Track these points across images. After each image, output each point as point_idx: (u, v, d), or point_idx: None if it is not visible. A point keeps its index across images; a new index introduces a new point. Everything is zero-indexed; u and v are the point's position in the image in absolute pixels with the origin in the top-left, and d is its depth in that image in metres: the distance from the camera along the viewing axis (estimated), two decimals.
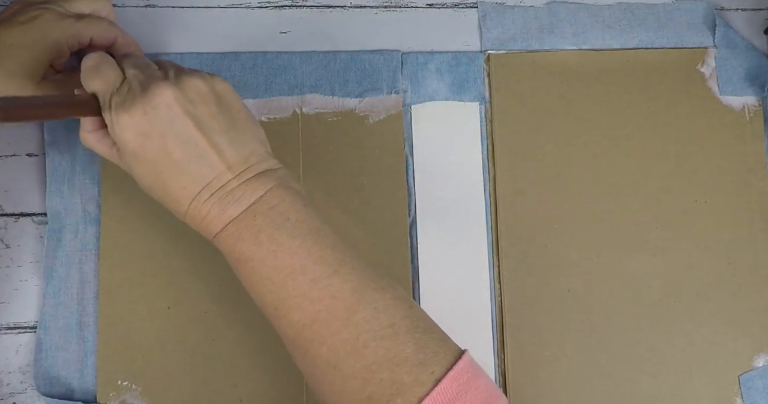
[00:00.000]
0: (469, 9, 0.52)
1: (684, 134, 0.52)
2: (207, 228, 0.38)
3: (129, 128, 0.36)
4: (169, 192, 0.37)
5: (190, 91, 0.37)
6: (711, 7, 0.54)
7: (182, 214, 0.38)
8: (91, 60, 0.38)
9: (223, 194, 0.37)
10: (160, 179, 0.37)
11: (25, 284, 0.46)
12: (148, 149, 0.36)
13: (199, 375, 0.46)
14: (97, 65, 0.38)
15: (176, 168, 0.36)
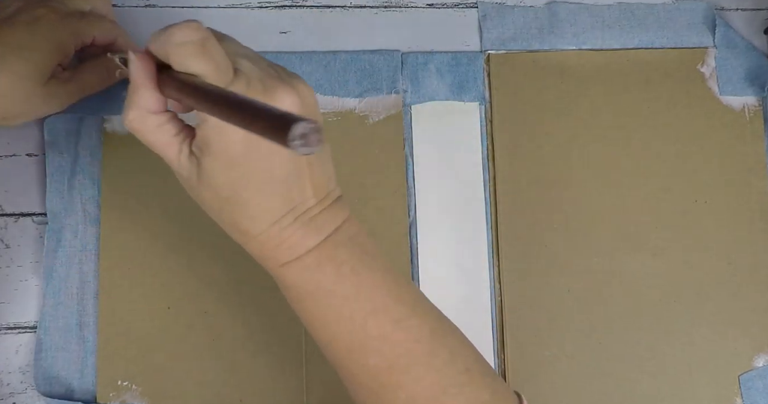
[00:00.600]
0: (469, 9, 0.52)
1: (684, 134, 0.52)
2: (277, 256, 0.34)
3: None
4: (247, 211, 0.33)
5: (307, 99, 0.33)
6: (711, 7, 0.54)
7: (252, 236, 0.33)
8: (191, 32, 0.30)
9: (306, 221, 0.33)
10: (244, 194, 0.32)
11: (25, 284, 0.46)
12: (252, 157, 0.31)
13: (199, 375, 0.46)
14: (203, 42, 0.30)
15: (270, 185, 0.32)
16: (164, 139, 0.33)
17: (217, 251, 0.47)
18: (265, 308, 0.47)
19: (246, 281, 0.47)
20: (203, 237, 0.47)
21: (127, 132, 0.47)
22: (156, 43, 0.31)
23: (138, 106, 0.32)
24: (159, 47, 0.31)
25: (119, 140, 0.47)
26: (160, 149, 0.33)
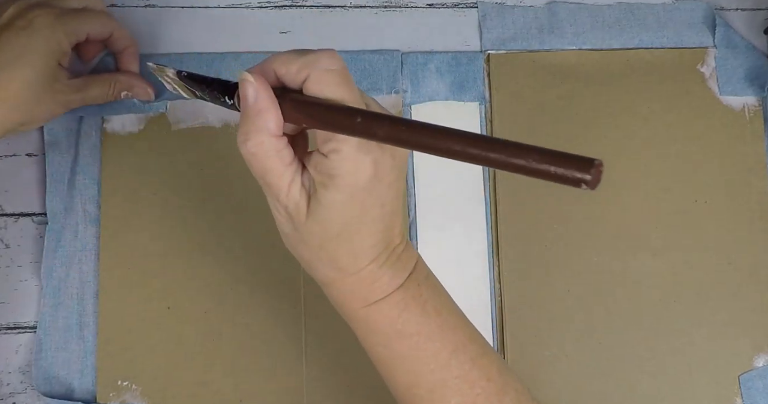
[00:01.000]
0: (469, 9, 0.52)
1: (684, 134, 0.52)
2: (369, 295, 0.33)
3: (371, 153, 0.30)
4: (352, 247, 0.31)
5: None
6: (711, 7, 0.53)
7: (349, 274, 0.32)
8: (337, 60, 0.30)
9: (395, 258, 0.33)
10: (354, 228, 0.31)
11: (25, 284, 0.46)
12: (374, 191, 0.30)
13: (199, 375, 0.46)
14: (345, 69, 0.30)
15: (379, 221, 0.31)
16: (280, 166, 0.30)
17: (217, 252, 0.47)
18: (265, 308, 0.47)
19: (246, 281, 0.47)
20: (203, 237, 0.47)
21: (127, 132, 0.47)
22: (293, 66, 0.30)
23: (261, 130, 0.30)
24: (299, 71, 0.30)
25: (119, 140, 0.47)
26: (272, 177, 0.31)
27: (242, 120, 0.31)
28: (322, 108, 0.29)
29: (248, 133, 0.30)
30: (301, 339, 0.46)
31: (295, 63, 0.30)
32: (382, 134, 0.28)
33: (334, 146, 0.29)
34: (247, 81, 0.30)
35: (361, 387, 0.46)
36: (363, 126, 0.28)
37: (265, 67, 0.31)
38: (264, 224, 0.47)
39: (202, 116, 0.48)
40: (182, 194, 0.47)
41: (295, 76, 0.30)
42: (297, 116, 0.30)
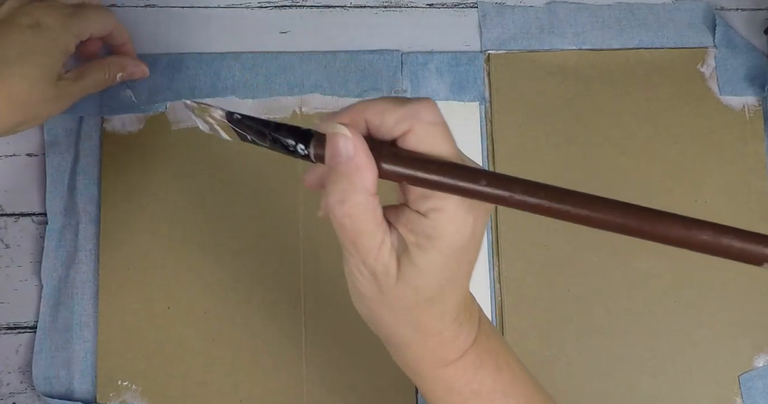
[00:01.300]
0: (469, 9, 0.52)
1: (684, 134, 0.52)
2: (449, 354, 0.31)
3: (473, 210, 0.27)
4: (442, 308, 0.30)
5: None
6: (711, 7, 0.53)
7: (432, 334, 0.30)
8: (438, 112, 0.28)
9: (468, 313, 0.31)
10: (447, 289, 0.29)
11: (25, 284, 0.46)
12: (471, 245, 0.28)
13: (199, 375, 0.46)
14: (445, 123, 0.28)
15: (468, 277, 0.30)
16: (373, 228, 0.28)
17: (217, 252, 0.47)
18: (265, 308, 0.47)
19: (246, 281, 0.47)
20: (203, 237, 0.47)
21: (127, 132, 0.47)
22: (390, 117, 0.27)
23: (359, 189, 0.27)
24: (398, 123, 0.27)
25: (119, 140, 0.47)
26: (364, 239, 0.28)
27: (334, 178, 0.27)
28: (433, 166, 0.27)
29: (345, 192, 0.27)
30: (301, 339, 0.46)
31: (394, 114, 0.27)
32: (514, 201, 0.26)
33: (435, 205, 0.27)
34: (343, 135, 0.27)
35: (361, 387, 0.46)
36: (489, 190, 0.26)
37: (354, 116, 0.27)
38: (264, 224, 0.47)
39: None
40: (182, 194, 0.47)
41: (392, 128, 0.27)
42: (396, 172, 0.27)
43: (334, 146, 0.27)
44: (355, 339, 0.47)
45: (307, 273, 0.47)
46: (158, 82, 0.48)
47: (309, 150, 0.29)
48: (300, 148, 0.29)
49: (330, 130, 0.27)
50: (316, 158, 0.28)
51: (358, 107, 0.28)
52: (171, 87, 0.48)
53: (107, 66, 0.44)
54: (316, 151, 0.28)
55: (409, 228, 0.28)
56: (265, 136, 0.30)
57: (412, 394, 0.47)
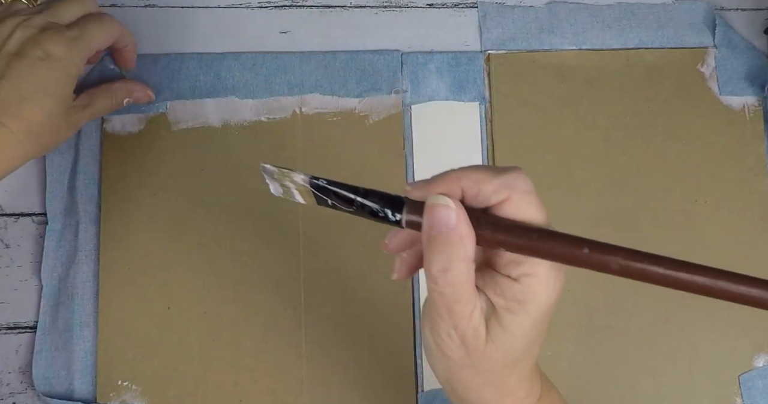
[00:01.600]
0: (469, 9, 0.52)
1: (684, 134, 0.52)
2: None
3: (560, 274, 0.29)
4: (526, 365, 0.31)
5: None
6: (711, 7, 0.53)
7: (510, 394, 0.31)
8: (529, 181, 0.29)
9: (537, 370, 0.33)
10: (531, 350, 0.30)
11: (25, 284, 0.46)
12: (553, 306, 0.30)
13: (199, 375, 0.46)
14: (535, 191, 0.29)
15: (544, 336, 0.31)
16: (469, 294, 0.28)
17: (217, 252, 0.47)
18: (265, 308, 0.47)
19: (246, 281, 0.47)
20: (203, 237, 0.47)
21: (127, 132, 0.47)
22: (488, 186, 0.28)
23: (462, 258, 0.27)
24: (496, 192, 0.28)
25: (119, 140, 0.47)
26: (461, 304, 0.28)
27: (437, 247, 0.27)
28: (535, 234, 0.27)
29: (449, 262, 0.27)
30: (301, 339, 0.46)
31: (492, 183, 0.28)
32: (617, 268, 0.27)
33: (527, 270, 0.28)
34: (446, 206, 0.27)
35: (361, 386, 0.46)
36: (592, 257, 0.27)
37: (450, 185, 0.28)
38: (264, 224, 0.47)
39: (202, 116, 0.48)
40: (182, 194, 0.47)
41: (489, 197, 0.28)
42: (497, 239, 0.28)
43: (437, 217, 0.27)
44: (355, 339, 0.47)
45: (307, 273, 0.47)
46: (158, 82, 0.48)
47: (401, 217, 0.29)
48: (391, 214, 0.29)
49: (432, 201, 0.28)
50: (408, 224, 0.29)
51: (453, 175, 0.28)
52: (171, 87, 0.48)
53: (115, 92, 0.45)
54: (409, 218, 0.29)
55: (498, 293, 0.28)
56: (352, 202, 0.30)
57: (412, 394, 0.47)
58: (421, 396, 0.47)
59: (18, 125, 0.38)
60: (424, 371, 0.47)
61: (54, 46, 0.40)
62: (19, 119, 0.38)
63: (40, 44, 0.39)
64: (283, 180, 0.31)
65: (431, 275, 0.28)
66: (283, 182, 0.31)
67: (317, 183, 0.30)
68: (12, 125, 0.38)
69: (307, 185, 0.30)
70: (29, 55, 0.39)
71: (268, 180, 0.31)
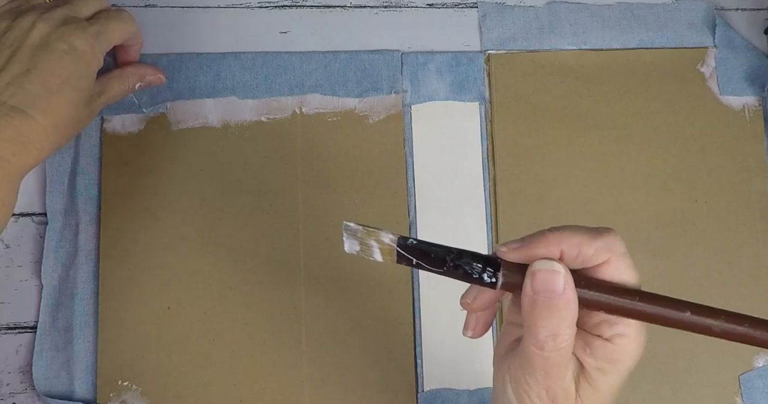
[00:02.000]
0: (469, 9, 0.52)
1: (684, 134, 0.52)
2: None
3: (645, 330, 0.29)
4: None
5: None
6: (711, 7, 0.53)
7: None
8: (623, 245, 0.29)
9: None
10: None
11: (25, 285, 0.46)
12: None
13: (199, 375, 0.46)
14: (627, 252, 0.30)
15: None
16: (569, 357, 0.29)
17: (217, 252, 0.47)
18: (265, 308, 0.47)
19: (246, 281, 0.47)
20: (203, 237, 0.47)
21: (127, 132, 0.47)
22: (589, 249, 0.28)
23: (571, 324, 0.28)
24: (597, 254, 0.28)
25: (119, 140, 0.47)
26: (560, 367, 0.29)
27: (545, 313, 0.28)
28: (637, 296, 0.28)
29: (558, 327, 0.27)
30: (301, 339, 0.46)
31: (591, 246, 0.28)
32: (718, 331, 0.27)
33: (621, 331, 0.28)
34: (556, 271, 0.28)
35: (361, 387, 0.46)
36: (694, 319, 0.27)
37: (550, 247, 0.28)
38: (264, 224, 0.47)
39: (202, 116, 0.48)
40: (182, 194, 0.47)
41: (589, 258, 0.28)
42: (595, 301, 0.28)
43: (546, 282, 0.28)
44: (355, 339, 0.47)
45: (307, 274, 0.47)
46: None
47: (496, 278, 0.29)
48: (486, 275, 0.29)
49: (541, 266, 0.28)
50: (505, 286, 0.29)
51: (552, 237, 0.28)
52: (171, 87, 0.48)
53: (127, 77, 0.45)
54: (506, 280, 0.29)
55: (588, 353, 0.29)
56: (444, 263, 0.29)
57: (412, 394, 0.47)
58: (421, 396, 0.47)
59: (46, 118, 0.38)
60: (424, 371, 0.47)
61: (78, 41, 0.40)
62: (47, 112, 0.38)
63: (64, 38, 0.39)
64: (366, 239, 0.31)
65: (538, 340, 0.28)
66: (366, 241, 0.30)
67: (407, 243, 0.30)
68: (40, 118, 0.38)
69: (394, 245, 0.30)
70: (55, 49, 0.39)
71: (347, 238, 0.31)
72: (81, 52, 0.40)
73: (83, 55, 0.40)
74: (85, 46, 0.40)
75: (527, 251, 0.28)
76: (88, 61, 0.40)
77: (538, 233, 0.29)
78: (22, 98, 0.38)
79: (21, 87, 0.38)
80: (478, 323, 0.32)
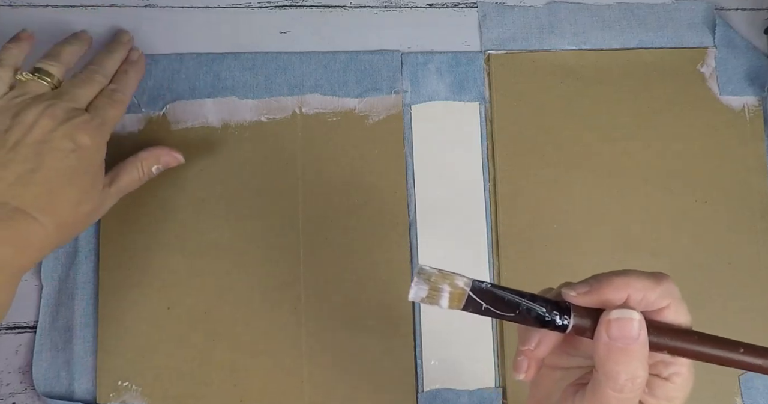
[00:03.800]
0: (469, 9, 0.52)
1: (684, 134, 0.52)
2: None
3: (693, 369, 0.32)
4: None
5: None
6: (711, 7, 0.53)
7: None
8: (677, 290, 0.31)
9: None
10: None
11: (25, 285, 0.46)
12: None
13: (199, 375, 0.46)
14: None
15: None
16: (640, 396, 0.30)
17: (217, 252, 0.47)
18: (265, 308, 0.47)
19: (246, 281, 0.47)
20: (203, 238, 0.47)
21: (127, 132, 0.48)
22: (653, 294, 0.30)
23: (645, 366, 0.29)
24: (659, 299, 0.30)
25: (119, 140, 0.47)
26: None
27: (621, 358, 0.29)
28: (695, 337, 0.30)
29: (636, 370, 0.29)
30: (301, 339, 0.46)
31: (655, 292, 0.30)
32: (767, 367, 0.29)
33: (677, 370, 0.30)
34: (633, 319, 0.29)
35: (361, 387, 0.46)
36: (747, 358, 0.30)
37: (619, 292, 0.30)
38: (264, 224, 0.47)
39: (202, 116, 0.48)
40: (182, 194, 0.47)
41: (652, 303, 0.30)
42: (660, 344, 0.30)
43: (623, 329, 0.29)
44: (355, 339, 0.47)
45: (307, 273, 0.47)
46: (158, 83, 0.48)
47: (569, 321, 0.30)
48: (558, 319, 0.30)
49: (619, 315, 0.29)
50: (576, 329, 0.30)
51: (619, 282, 0.30)
52: (171, 87, 0.48)
53: (140, 163, 0.44)
54: (577, 323, 0.30)
55: (648, 392, 0.30)
56: (516, 307, 0.30)
57: (413, 394, 0.47)
58: (421, 396, 0.47)
59: (48, 218, 0.38)
60: (424, 371, 0.47)
61: (82, 137, 0.39)
62: (50, 212, 0.38)
63: (69, 136, 0.39)
64: (440, 283, 0.29)
65: (618, 384, 0.29)
66: (438, 285, 0.29)
67: (481, 287, 0.29)
68: (43, 219, 0.38)
69: (468, 288, 0.29)
70: (60, 147, 0.38)
71: (417, 282, 0.29)
72: (86, 148, 0.39)
73: (87, 150, 0.39)
74: (88, 141, 0.39)
75: (597, 297, 0.30)
76: (92, 156, 0.40)
77: (605, 278, 0.30)
78: (26, 199, 0.37)
79: (25, 187, 0.37)
80: (531, 366, 0.33)
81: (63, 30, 0.47)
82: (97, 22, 0.48)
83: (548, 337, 0.32)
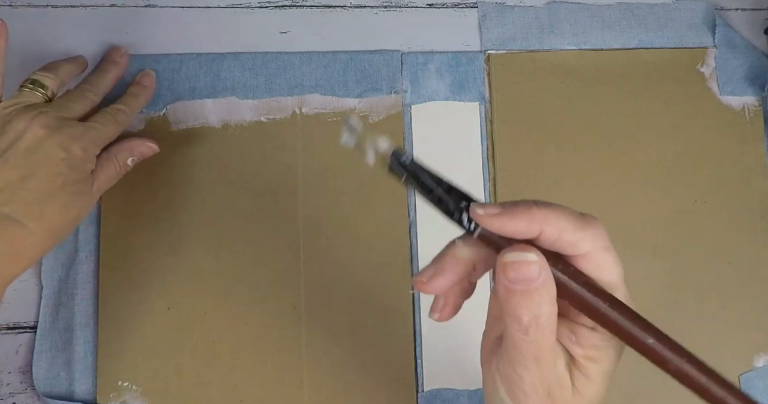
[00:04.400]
0: (469, 9, 0.52)
1: (684, 134, 0.52)
2: None
3: None
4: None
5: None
6: (711, 7, 0.53)
7: None
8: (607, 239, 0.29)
9: None
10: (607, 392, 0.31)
11: (25, 285, 0.46)
12: None
13: (199, 375, 0.46)
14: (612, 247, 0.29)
15: None
16: (554, 340, 0.28)
17: (217, 252, 0.47)
18: (265, 308, 0.47)
19: (246, 282, 0.47)
20: (203, 237, 0.47)
21: (127, 132, 0.47)
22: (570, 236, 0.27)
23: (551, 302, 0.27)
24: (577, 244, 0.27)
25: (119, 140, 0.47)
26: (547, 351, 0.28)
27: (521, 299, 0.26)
28: (605, 298, 0.27)
29: (539, 309, 0.26)
30: (301, 339, 0.46)
31: (575, 234, 0.27)
32: (673, 368, 0.27)
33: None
34: (530, 262, 0.26)
35: (360, 387, 0.46)
36: (655, 347, 0.26)
37: (531, 224, 0.27)
38: (264, 224, 0.47)
39: (202, 116, 0.48)
40: (182, 195, 0.47)
41: (566, 247, 0.27)
42: (564, 290, 0.27)
43: (520, 271, 0.26)
44: (355, 339, 0.47)
45: (307, 274, 0.47)
46: (158, 83, 0.48)
47: (475, 229, 0.27)
48: (467, 221, 0.27)
49: (513, 258, 0.26)
50: (480, 237, 0.27)
51: (536, 215, 0.27)
52: (171, 87, 0.48)
53: (114, 157, 0.44)
54: (485, 233, 0.27)
55: (574, 341, 0.28)
56: (430, 191, 0.28)
57: (412, 394, 0.47)
58: (421, 396, 0.47)
59: (39, 225, 0.38)
60: (424, 371, 0.47)
61: (75, 147, 0.39)
62: (40, 219, 0.38)
63: (61, 144, 0.39)
64: (363, 142, 0.30)
65: (522, 325, 0.27)
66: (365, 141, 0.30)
67: (400, 160, 0.29)
68: (33, 225, 0.38)
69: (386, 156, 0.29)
70: (51, 155, 0.38)
71: (345, 130, 0.30)
72: (77, 157, 0.39)
73: (78, 160, 0.39)
74: (80, 151, 0.39)
75: (507, 223, 0.27)
76: (83, 166, 0.40)
77: (523, 205, 0.27)
78: (16, 206, 0.37)
79: (15, 194, 0.37)
80: (446, 304, 0.31)
81: (63, 30, 0.47)
82: (97, 22, 0.48)
83: (443, 274, 0.29)
